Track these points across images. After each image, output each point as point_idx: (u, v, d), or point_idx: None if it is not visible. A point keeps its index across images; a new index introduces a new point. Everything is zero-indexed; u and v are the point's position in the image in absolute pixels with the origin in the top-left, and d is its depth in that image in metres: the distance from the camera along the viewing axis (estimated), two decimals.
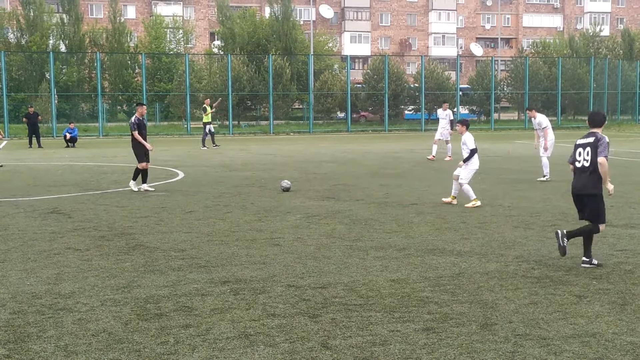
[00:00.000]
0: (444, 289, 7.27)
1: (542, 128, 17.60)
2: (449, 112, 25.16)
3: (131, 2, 76.89)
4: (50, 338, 5.80)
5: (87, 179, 18.42)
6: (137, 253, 9.13)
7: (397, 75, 55.06)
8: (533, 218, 11.67)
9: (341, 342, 5.66)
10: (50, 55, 46.40)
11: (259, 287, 7.40)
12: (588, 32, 72.24)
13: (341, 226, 11.05)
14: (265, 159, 24.85)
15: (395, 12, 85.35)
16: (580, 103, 58.32)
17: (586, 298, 6.90)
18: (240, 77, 49.79)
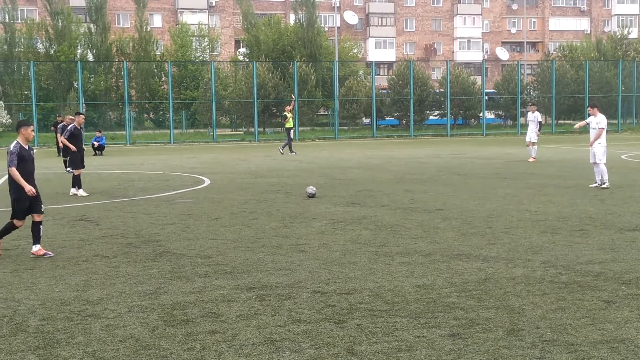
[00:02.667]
0: (470, 294, 7.23)
1: (600, 127, 16.55)
2: (537, 114, 25.65)
3: (157, 11, 77.64)
4: (79, 344, 5.87)
5: (115, 187, 18.61)
6: (164, 260, 9.20)
7: (422, 81, 54.94)
8: (560, 223, 11.56)
9: (367, 348, 5.66)
10: (78, 64, 47.02)
11: (284, 293, 7.42)
12: (616, 35, 71.48)
13: (366, 232, 11.04)
14: (291, 165, 24.91)
15: (420, 17, 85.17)
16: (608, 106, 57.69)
17: (615, 303, 6.82)
18: (265, 84, 50.03)
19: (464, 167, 23.11)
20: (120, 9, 75.95)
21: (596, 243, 9.82)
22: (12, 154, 9.29)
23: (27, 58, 57.40)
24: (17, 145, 9.39)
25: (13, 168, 9.27)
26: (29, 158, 9.48)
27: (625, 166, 21.93)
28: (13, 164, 9.27)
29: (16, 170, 9.29)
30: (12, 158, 9.26)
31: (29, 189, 9.35)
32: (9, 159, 9.26)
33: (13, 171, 9.27)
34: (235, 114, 55.19)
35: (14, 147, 9.34)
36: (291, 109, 33.50)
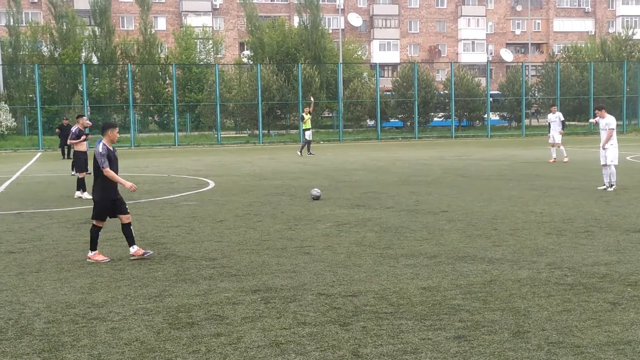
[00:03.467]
0: (475, 296, 7.21)
1: (610, 128, 16.36)
2: (559, 114, 25.57)
3: (161, 14, 77.78)
4: (84, 347, 5.87)
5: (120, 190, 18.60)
6: (169, 262, 9.21)
7: (426, 82, 54.93)
8: (565, 224, 11.53)
9: (372, 351, 5.65)
10: (83, 67, 47.13)
11: (289, 295, 7.41)
12: (620, 36, 71.34)
13: (371, 234, 11.03)
14: (295, 168, 24.91)
15: (424, 19, 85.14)
16: (613, 107, 57.57)
17: (621, 305, 6.80)
18: (269, 86, 50.07)
19: (468, 168, 23.08)
20: (124, 12, 76.12)
21: (602, 245, 9.80)
22: (102, 155, 9.22)
23: (31, 61, 57.59)
24: (105, 146, 9.33)
25: (107, 169, 9.22)
26: (114, 159, 9.46)
27: (631, 167, 21.88)
28: (106, 164, 9.22)
29: (111, 170, 9.27)
30: (103, 160, 9.20)
31: (129, 185, 9.40)
32: (100, 160, 9.19)
33: (108, 172, 9.23)
34: (239, 116, 55.23)
35: (102, 149, 9.27)
36: (310, 111, 33.86)
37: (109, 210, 9.46)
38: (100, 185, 9.36)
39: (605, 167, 16.36)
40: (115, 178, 9.32)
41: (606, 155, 16.25)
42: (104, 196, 9.38)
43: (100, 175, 9.33)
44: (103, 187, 9.36)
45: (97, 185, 9.40)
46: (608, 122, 16.35)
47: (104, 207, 9.41)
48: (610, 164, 16.17)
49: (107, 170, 9.25)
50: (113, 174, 9.30)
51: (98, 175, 9.35)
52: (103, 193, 9.38)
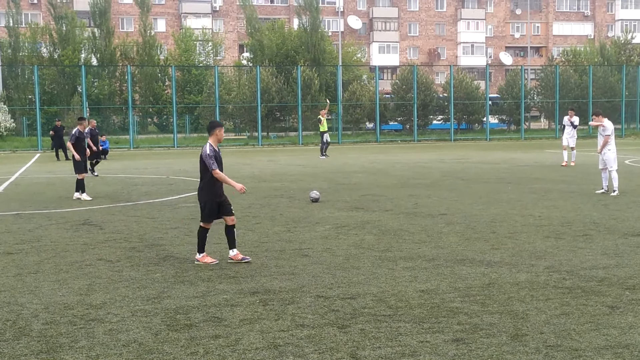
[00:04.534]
0: (473, 299, 7.22)
1: (606, 134, 16.32)
2: (575, 118, 25.38)
3: (161, 16, 77.80)
4: (82, 348, 5.87)
5: (118, 191, 18.63)
6: (167, 264, 9.20)
7: (425, 85, 54.94)
8: (564, 228, 11.54)
9: (370, 353, 5.65)
10: (82, 68, 47.12)
11: (288, 297, 7.41)
12: (619, 40, 71.39)
13: (370, 237, 11.03)
14: (294, 170, 24.91)
15: (423, 22, 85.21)
16: (612, 111, 57.66)
17: (619, 309, 6.80)
18: (269, 88, 50.08)
19: (467, 171, 23.09)
20: (124, 14, 76.13)
21: (600, 248, 9.80)
22: (210, 157, 9.03)
23: (31, 62, 57.58)
24: (211, 147, 9.13)
25: (217, 170, 9.05)
26: (220, 159, 9.27)
27: (629, 171, 21.89)
28: (215, 166, 9.03)
29: (220, 172, 9.11)
30: (211, 161, 9.01)
31: (240, 187, 9.23)
32: (209, 162, 9.00)
33: (218, 173, 9.06)
34: (238, 118, 55.23)
35: (210, 150, 9.08)
36: (326, 113, 34.24)
37: (216, 212, 9.26)
38: (208, 186, 9.16)
39: (604, 170, 16.36)
40: (224, 179, 9.12)
41: (604, 160, 16.26)
42: (211, 197, 9.18)
43: (207, 177, 9.11)
44: (210, 189, 9.16)
45: (204, 187, 9.19)
46: (605, 127, 16.34)
47: (211, 208, 9.20)
48: (610, 169, 16.16)
49: (216, 171, 9.04)
50: (223, 175, 9.10)
51: (205, 177, 9.14)
52: (210, 194, 9.17)
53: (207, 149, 9.11)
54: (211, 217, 9.28)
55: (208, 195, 9.21)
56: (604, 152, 16.24)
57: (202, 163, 9.13)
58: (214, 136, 9.23)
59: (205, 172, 9.15)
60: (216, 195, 9.23)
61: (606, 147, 16.22)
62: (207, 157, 9.05)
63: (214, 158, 9.06)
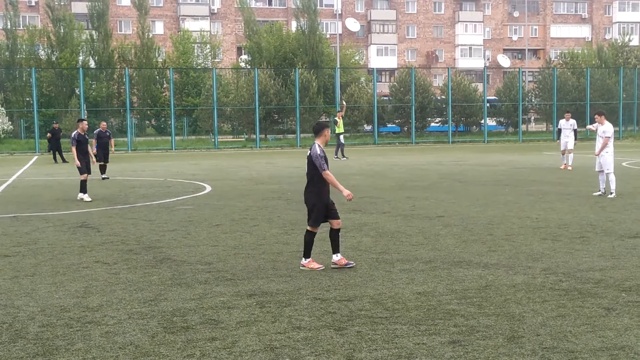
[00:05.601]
0: (470, 301, 7.22)
1: (605, 136, 16.30)
2: (572, 121, 25.07)
3: (159, 18, 77.84)
4: (78, 351, 5.86)
5: (116, 193, 18.63)
6: (164, 266, 9.20)
7: (423, 88, 55.00)
8: (561, 230, 11.55)
9: (367, 355, 5.65)
10: (80, 71, 47.11)
11: (284, 300, 7.41)
12: (617, 42, 71.56)
13: (367, 239, 11.04)
14: (292, 172, 24.92)
15: (421, 24, 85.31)
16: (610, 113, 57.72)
17: (615, 311, 6.81)
18: (267, 90, 50.12)
19: (465, 174, 23.10)
20: (122, 16, 76.16)
21: (597, 250, 9.82)
22: (321, 157, 8.72)
23: (28, 65, 57.57)
24: (321, 148, 8.85)
25: (327, 171, 8.75)
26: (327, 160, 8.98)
27: (626, 173, 21.92)
28: (326, 167, 8.73)
29: (330, 173, 8.79)
30: (322, 162, 8.71)
31: (347, 193, 8.87)
32: (320, 162, 8.68)
33: (328, 174, 8.74)
34: (236, 120, 55.26)
35: (320, 151, 8.78)
36: (342, 115, 34.48)
37: (323, 215, 8.90)
38: (317, 188, 8.82)
39: (601, 173, 16.38)
40: (334, 182, 8.79)
41: (601, 163, 16.28)
42: (320, 200, 8.84)
43: (315, 178, 8.82)
44: (319, 191, 8.82)
45: (313, 189, 8.85)
46: (605, 129, 16.31)
47: (320, 211, 8.84)
48: (607, 171, 16.16)
49: (327, 172, 8.73)
50: (333, 178, 8.78)
51: (313, 178, 8.84)
52: (319, 197, 8.82)
53: (317, 149, 8.77)
54: (319, 220, 8.90)
55: (317, 198, 8.82)
56: (601, 154, 16.26)
57: (311, 164, 8.78)
58: (323, 137, 8.98)
59: (313, 173, 8.82)
60: (325, 197, 8.88)
61: (604, 149, 16.24)
62: (318, 157, 8.72)
63: (324, 159, 8.80)
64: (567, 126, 24.96)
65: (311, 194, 8.88)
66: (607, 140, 16.20)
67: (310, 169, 8.87)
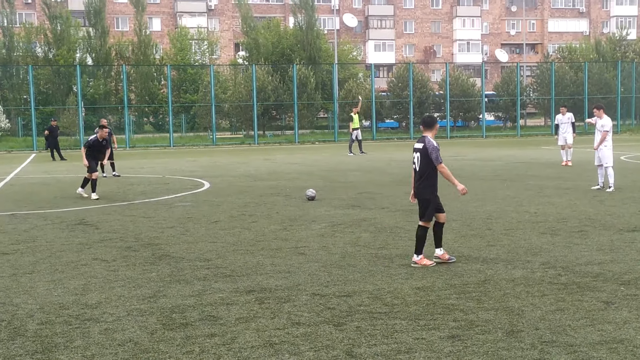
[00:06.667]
0: (469, 296, 7.22)
1: (604, 130, 16.25)
2: (569, 115, 24.35)
3: (156, 15, 77.71)
4: (77, 348, 5.86)
5: (114, 190, 18.61)
6: (163, 263, 9.19)
7: (421, 83, 55.01)
8: (560, 224, 11.55)
9: (366, 351, 5.65)
10: (77, 68, 47.05)
11: (284, 296, 7.41)
12: (615, 36, 71.57)
13: (366, 234, 11.04)
14: (291, 168, 24.91)
15: (419, 19, 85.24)
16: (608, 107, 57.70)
17: (614, 304, 6.81)
18: (265, 87, 50.07)
19: (463, 169, 23.10)
20: (119, 13, 76.03)
21: (595, 244, 9.82)
22: (437, 150, 8.61)
23: (25, 62, 57.48)
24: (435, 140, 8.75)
25: (443, 164, 8.68)
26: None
27: (625, 167, 21.93)
28: (441, 159, 8.65)
29: (445, 167, 8.71)
30: (439, 154, 8.62)
31: (462, 187, 8.75)
32: (437, 155, 8.57)
33: (444, 168, 8.67)
34: (234, 117, 55.24)
35: (436, 143, 8.72)
36: (358, 111, 34.37)
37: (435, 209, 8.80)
38: (431, 182, 8.70)
39: (599, 167, 16.39)
40: (449, 175, 8.68)
41: (600, 157, 16.28)
42: (434, 194, 8.74)
43: (429, 172, 8.67)
44: (433, 184, 8.71)
45: (428, 183, 8.71)
46: (604, 123, 16.31)
47: (435, 205, 8.75)
48: (606, 165, 16.16)
49: (443, 165, 8.65)
50: (448, 171, 8.69)
51: (427, 172, 8.69)
52: (434, 191, 8.74)
53: (433, 142, 8.66)
54: (433, 214, 8.76)
55: (432, 192, 8.72)
56: (600, 148, 16.26)
57: (426, 157, 8.64)
58: (435, 130, 8.95)
59: (427, 167, 8.65)
60: (436, 191, 8.81)
61: (603, 143, 16.24)
62: (435, 149, 8.59)
63: (439, 151, 8.71)
64: (565, 120, 24.18)
65: (426, 189, 8.76)
66: (605, 134, 16.21)
67: (424, 163, 8.72)
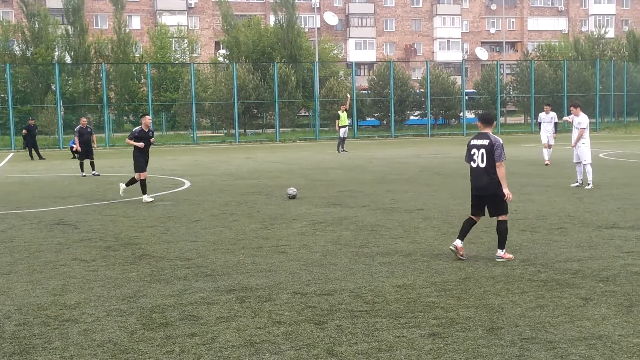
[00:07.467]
0: (450, 293, 7.25)
1: (581, 128, 16.33)
2: (552, 114, 23.85)
3: (136, 13, 77.23)
4: (56, 349, 5.80)
5: (94, 190, 18.47)
6: (143, 263, 9.13)
7: (402, 81, 55.14)
8: (539, 221, 11.63)
9: (347, 349, 5.64)
10: (56, 66, 46.62)
11: (264, 294, 7.39)
12: (593, 35, 72.13)
13: (347, 233, 11.04)
14: (272, 167, 24.87)
15: (399, 17, 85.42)
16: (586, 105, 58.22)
17: (592, 301, 6.87)
18: (245, 85, 49.91)
19: (444, 166, 23.19)
20: (98, 11, 75.46)
21: (574, 241, 9.90)
22: (503, 147, 8.73)
23: (3, 60, 56.80)
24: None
25: (503, 163, 8.77)
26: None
27: (603, 164, 22.12)
28: (504, 156, 8.77)
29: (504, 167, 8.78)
30: (503, 152, 8.73)
31: (507, 192, 8.80)
32: (500, 152, 8.68)
33: (503, 167, 8.77)
34: (215, 115, 55.02)
35: (501, 140, 8.82)
36: (346, 108, 34.22)
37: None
38: (495, 178, 8.72)
39: (578, 164, 16.52)
40: (504, 175, 8.78)
41: (578, 154, 16.42)
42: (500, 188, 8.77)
43: (493, 168, 8.70)
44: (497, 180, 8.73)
45: (493, 179, 8.71)
46: (581, 120, 16.46)
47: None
48: (585, 162, 16.30)
49: (503, 164, 8.75)
50: (504, 172, 8.80)
51: (492, 168, 8.69)
52: (499, 186, 8.75)
53: (499, 139, 8.78)
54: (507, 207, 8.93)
55: (499, 187, 8.76)
56: (578, 145, 16.40)
57: (491, 153, 8.69)
58: (493, 127, 9.07)
59: (492, 162, 8.71)
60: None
61: (580, 140, 16.37)
62: (501, 147, 8.72)
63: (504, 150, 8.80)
64: (547, 119, 23.82)
65: (492, 184, 8.79)
66: (582, 131, 16.35)
67: (490, 158, 8.74)
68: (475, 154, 8.85)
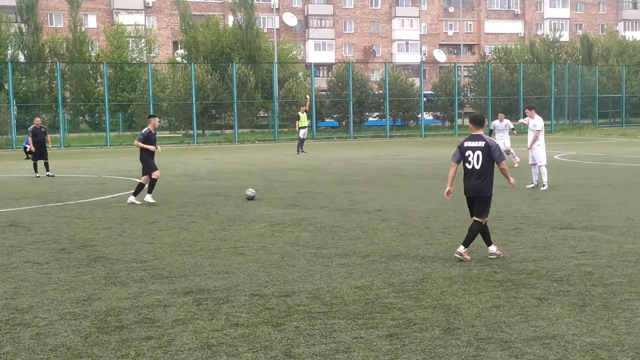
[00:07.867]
0: (407, 294, 7.28)
1: (536, 130, 16.57)
2: (507, 122, 23.24)
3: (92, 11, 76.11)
4: (7, 354, 5.67)
5: (48, 191, 18.13)
6: (99, 265, 8.99)
7: (361, 82, 55.35)
8: (496, 222, 11.76)
9: (305, 351, 5.63)
10: (9, 65, 45.66)
11: (222, 296, 7.33)
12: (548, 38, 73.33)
13: (306, 234, 11.02)
14: (230, 168, 24.73)
15: (358, 19, 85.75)
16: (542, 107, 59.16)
17: (547, 300, 6.97)
18: (204, 85, 49.55)
19: (403, 168, 23.34)
20: (52, 9, 74.19)
21: (530, 241, 10.04)
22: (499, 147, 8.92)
23: None
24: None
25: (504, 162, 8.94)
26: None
27: (558, 166, 22.50)
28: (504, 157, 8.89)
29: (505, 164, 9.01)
30: (501, 152, 8.89)
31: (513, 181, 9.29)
32: (499, 153, 8.85)
33: (505, 165, 9.00)
34: (173, 116, 54.49)
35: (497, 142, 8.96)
36: (306, 109, 34.10)
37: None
38: (491, 179, 8.90)
39: (533, 166, 16.78)
40: (507, 172, 9.06)
41: (533, 156, 16.69)
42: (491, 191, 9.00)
43: (490, 169, 8.83)
44: (492, 181, 8.94)
45: (490, 180, 8.87)
46: (536, 123, 16.76)
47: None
48: (540, 164, 16.56)
49: (504, 164, 8.94)
50: (506, 168, 9.04)
51: (488, 170, 8.82)
52: (492, 188, 8.99)
53: (493, 140, 8.92)
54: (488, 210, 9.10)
55: (491, 189, 9.02)
56: (533, 147, 16.66)
57: (488, 155, 8.79)
58: (485, 127, 9.14)
59: (489, 164, 8.82)
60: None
61: (536, 142, 16.64)
62: (498, 148, 8.88)
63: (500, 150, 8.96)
64: (502, 127, 23.16)
65: (488, 186, 8.93)
66: (537, 133, 16.63)
67: (485, 160, 8.82)
68: (470, 156, 8.95)
